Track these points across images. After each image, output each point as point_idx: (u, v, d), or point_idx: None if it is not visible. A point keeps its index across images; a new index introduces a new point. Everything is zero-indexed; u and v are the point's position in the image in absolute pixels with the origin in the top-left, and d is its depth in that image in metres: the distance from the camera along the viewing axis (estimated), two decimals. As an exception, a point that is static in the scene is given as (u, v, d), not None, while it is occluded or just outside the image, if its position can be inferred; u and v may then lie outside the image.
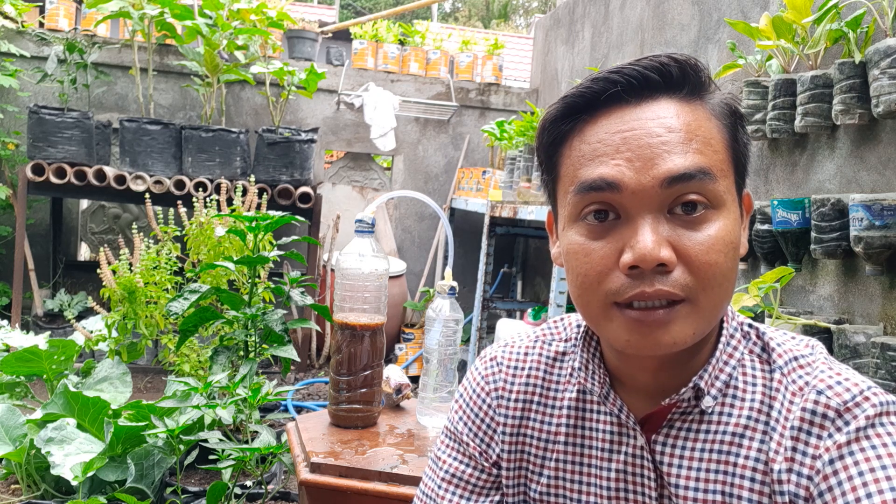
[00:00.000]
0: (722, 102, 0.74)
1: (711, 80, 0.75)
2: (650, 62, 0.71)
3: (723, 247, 0.69)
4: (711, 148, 0.71)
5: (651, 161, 0.68)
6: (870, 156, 2.05)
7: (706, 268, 0.68)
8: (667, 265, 0.67)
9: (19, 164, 4.39)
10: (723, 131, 0.73)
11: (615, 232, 0.70)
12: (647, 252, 0.66)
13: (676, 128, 0.69)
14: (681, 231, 0.68)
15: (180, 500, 2.16)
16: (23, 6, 4.56)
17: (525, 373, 0.87)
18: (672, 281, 0.67)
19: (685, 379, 0.75)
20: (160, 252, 3.03)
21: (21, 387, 2.71)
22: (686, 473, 0.75)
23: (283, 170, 4.32)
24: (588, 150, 0.72)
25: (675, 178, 0.68)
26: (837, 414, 0.69)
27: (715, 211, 0.70)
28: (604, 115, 0.72)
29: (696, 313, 0.69)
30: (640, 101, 0.71)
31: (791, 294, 2.33)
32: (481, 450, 0.87)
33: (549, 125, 0.76)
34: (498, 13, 17.92)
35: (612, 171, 0.69)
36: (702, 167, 0.69)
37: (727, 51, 2.74)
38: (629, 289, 0.68)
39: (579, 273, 0.72)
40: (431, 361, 1.64)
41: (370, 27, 5.49)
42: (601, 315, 0.71)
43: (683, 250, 0.68)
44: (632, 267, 0.67)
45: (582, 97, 0.73)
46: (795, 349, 0.76)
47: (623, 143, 0.69)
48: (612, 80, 0.71)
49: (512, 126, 4.02)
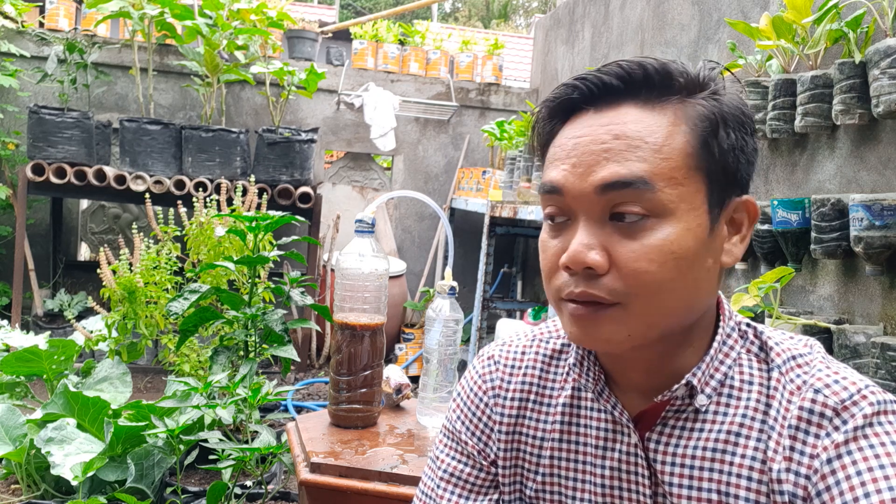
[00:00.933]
0: (707, 105, 0.72)
1: (700, 80, 0.73)
2: (614, 67, 0.73)
3: (657, 255, 0.68)
4: (661, 156, 0.69)
5: (590, 168, 0.70)
6: (870, 156, 2.05)
7: (635, 275, 0.69)
8: (595, 269, 0.69)
9: (19, 164, 4.39)
10: (687, 137, 0.70)
11: (564, 233, 0.73)
12: (576, 255, 0.70)
13: (623, 135, 0.70)
14: (616, 238, 0.70)
15: (180, 500, 2.16)
16: (23, 6, 4.55)
17: (522, 371, 0.88)
18: (600, 285, 0.70)
19: (679, 378, 0.75)
20: (160, 252, 3.03)
21: (21, 387, 2.71)
22: (679, 472, 0.75)
23: (283, 170, 4.32)
24: (551, 153, 0.76)
25: (608, 186, 0.69)
26: (835, 413, 0.69)
27: (657, 220, 0.69)
28: (572, 119, 0.75)
29: (629, 317, 0.70)
30: (600, 108, 0.73)
31: (791, 294, 2.33)
32: (479, 448, 0.87)
33: (537, 127, 0.79)
34: (498, 13, 17.92)
35: (558, 176, 0.73)
36: (640, 176, 0.68)
37: (727, 51, 2.74)
38: (565, 287, 0.72)
39: (542, 267, 0.77)
40: (431, 361, 1.64)
41: (370, 27, 5.48)
42: (555, 308, 0.76)
43: (615, 257, 0.70)
44: (566, 267, 0.71)
45: (555, 101, 0.76)
46: (793, 348, 0.76)
47: (573, 149, 0.72)
48: (573, 86, 0.74)
49: (512, 126, 4.02)
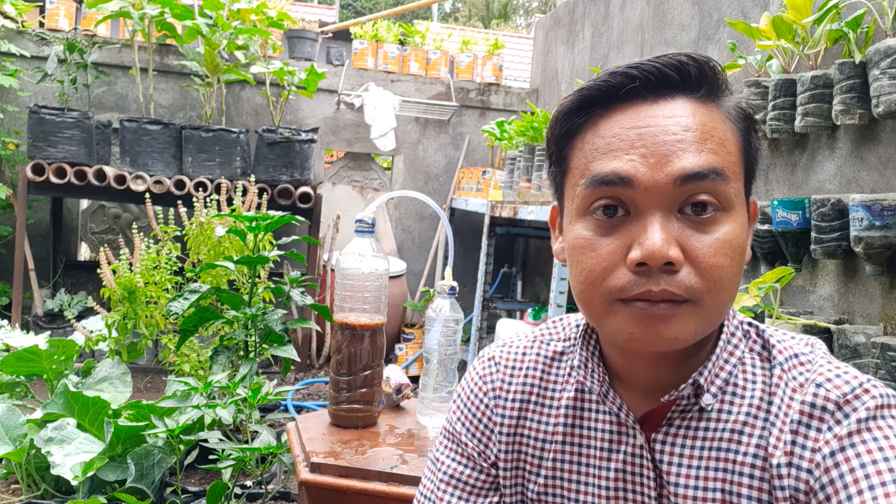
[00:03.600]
0: (737, 106, 0.74)
1: (727, 83, 0.74)
2: (669, 60, 0.71)
3: (729, 250, 0.69)
4: (725, 149, 0.71)
5: (665, 158, 0.68)
6: (870, 156, 2.05)
7: (712, 270, 0.68)
8: (674, 264, 0.67)
9: (19, 163, 4.40)
10: (736, 134, 0.73)
11: (623, 228, 0.69)
12: (657, 249, 0.66)
13: (692, 127, 0.69)
14: (689, 231, 0.68)
15: (180, 499, 2.16)
16: (23, 6, 4.55)
17: (523, 373, 0.87)
18: (678, 281, 0.67)
19: (685, 377, 0.75)
20: (160, 252, 3.03)
21: (21, 387, 2.71)
22: (686, 472, 0.74)
23: (283, 170, 4.32)
24: (602, 143, 0.71)
25: (688, 177, 0.68)
26: (837, 406, 0.69)
27: (724, 213, 0.70)
28: (619, 110, 0.71)
29: (700, 314, 0.69)
30: (656, 99, 0.71)
31: (791, 294, 2.33)
32: (479, 450, 0.87)
33: (563, 117, 0.75)
34: (498, 13, 17.92)
35: (625, 166, 0.69)
36: (715, 167, 0.69)
37: (727, 51, 2.74)
38: (635, 286, 0.67)
39: (584, 268, 0.71)
40: (431, 361, 1.64)
41: (370, 27, 5.48)
42: (604, 311, 0.71)
43: (691, 251, 0.68)
44: (639, 264, 0.67)
45: (598, 90, 0.72)
46: (795, 347, 0.77)
47: (638, 139, 0.69)
48: (630, 75, 0.70)
49: (512, 126, 4.02)
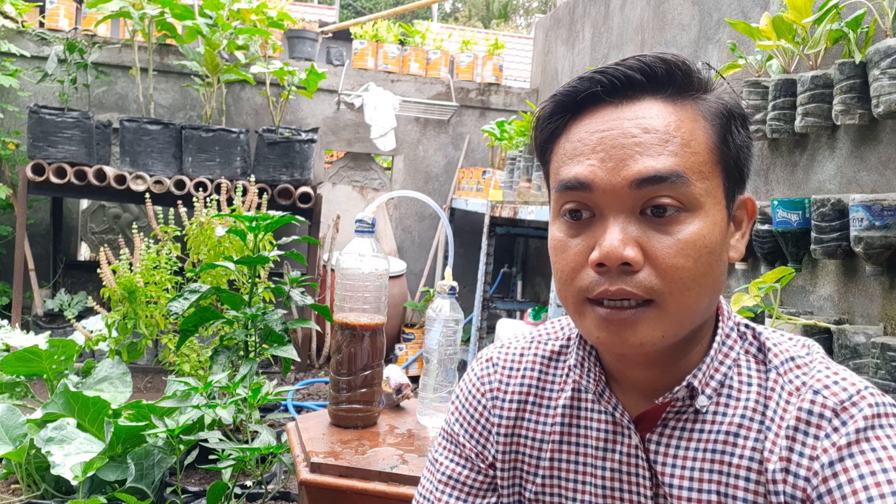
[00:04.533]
0: (717, 103, 0.73)
1: (705, 80, 0.74)
2: (635, 62, 0.72)
3: (693, 251, 0.68)
4: (690, 150, 0.70)
5: (623, 162, 0.69)
6: (870, 156, 2.05)
7: (672, 271, 0.68)
8: (632, 265, 0.68)
9: (19, 163, 4.40)
10: (709, 132, 0.72)
11: (589, 230, 0.71)
12: (612, 250, 0.68)
13: (653, 129, 0.70)
14: (650, 233, 0.69)
15: (180, 499, 2.16)
16: (23, 6, 4.55)
17: (521, 373, 0.87)
18: (636, 281, 0.68)
19: (680, 378, 0.75)
20: (160, 252, 3.03)
21: (21, 387, 2.71)
22: (680, 473, 0.74)
23: (283, 170, 4.32)
24: (570, 148, 0.73)
25: (644, 180, 0.68)
26: (834, 413, 0.69)
27: (689, 214, 0.69)
28: (588, 114, 0.73)
29: (664, 317, 0.69)
30: (621, 102, 0.72)
31: (791, 294, 2.33)
32: (477, 451, 0.87)
33: (541, 122, 0.77)
34: (498, 13, 17.92)
35: (584, 171, 0.71)
36: (674, 170, 0.69)
37: (727, 51, 2.74)
38: (596, 286, 0.69)
39: (558, 268, 0.74)
40: (431, 361, 1.64)
41: (370, 27, 5.48)
42: (576, 310, 0.73)
43: (651, 252, 0.68)
44: (599, 264, 0.69)
45: (568, 96, 0.74)
46: (792, 350, 0.76)
47: (599, 143, 0.71)
48: (595, 79, 0.72)
49: (512, 126, 4.02)
